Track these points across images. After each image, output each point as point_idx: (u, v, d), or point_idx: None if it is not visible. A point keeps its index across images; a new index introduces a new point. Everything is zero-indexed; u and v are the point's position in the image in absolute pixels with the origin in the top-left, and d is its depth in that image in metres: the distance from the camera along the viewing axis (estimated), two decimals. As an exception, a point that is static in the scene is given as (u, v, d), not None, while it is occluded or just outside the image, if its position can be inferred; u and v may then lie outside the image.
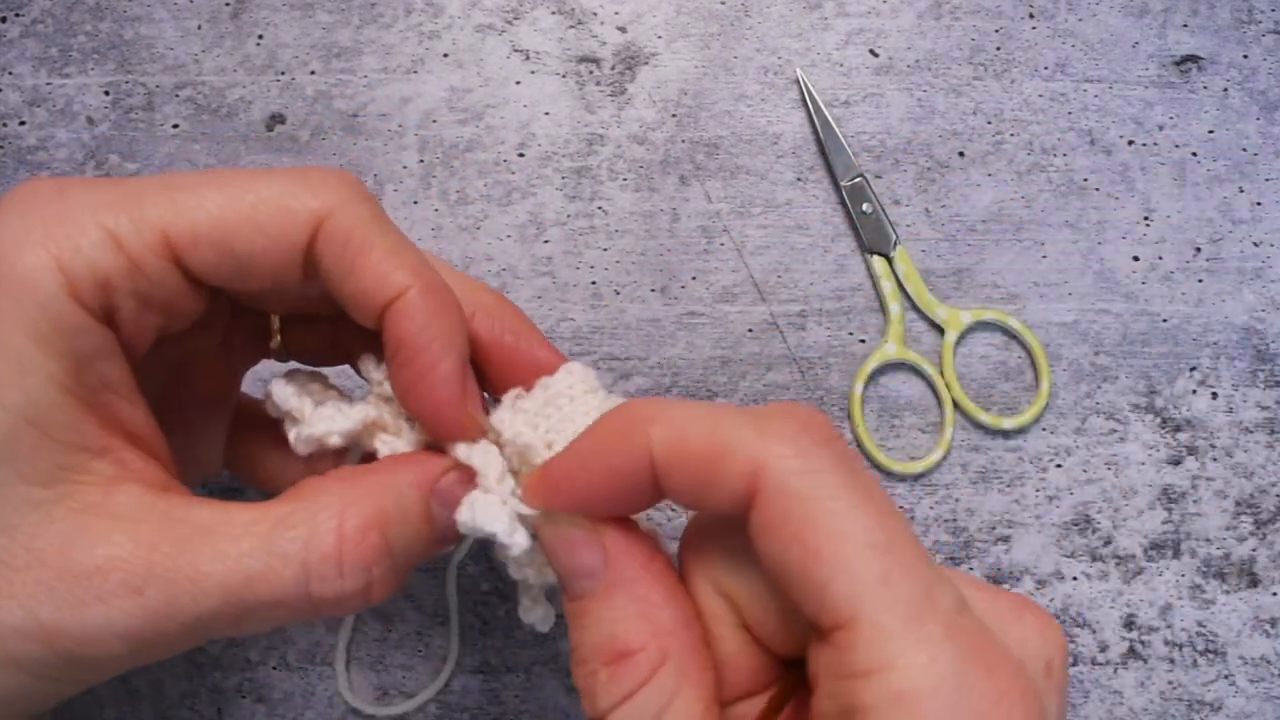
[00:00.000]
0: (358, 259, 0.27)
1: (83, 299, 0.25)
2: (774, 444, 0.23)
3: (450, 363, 0.28)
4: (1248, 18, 0.47)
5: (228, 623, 0.25)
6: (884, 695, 0.21)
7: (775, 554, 0.23)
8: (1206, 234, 0.45)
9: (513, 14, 0.46)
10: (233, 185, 0.26)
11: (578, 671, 0.26)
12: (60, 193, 0.26)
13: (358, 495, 0.27)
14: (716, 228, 0.45)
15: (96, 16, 0.46)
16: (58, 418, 0.25)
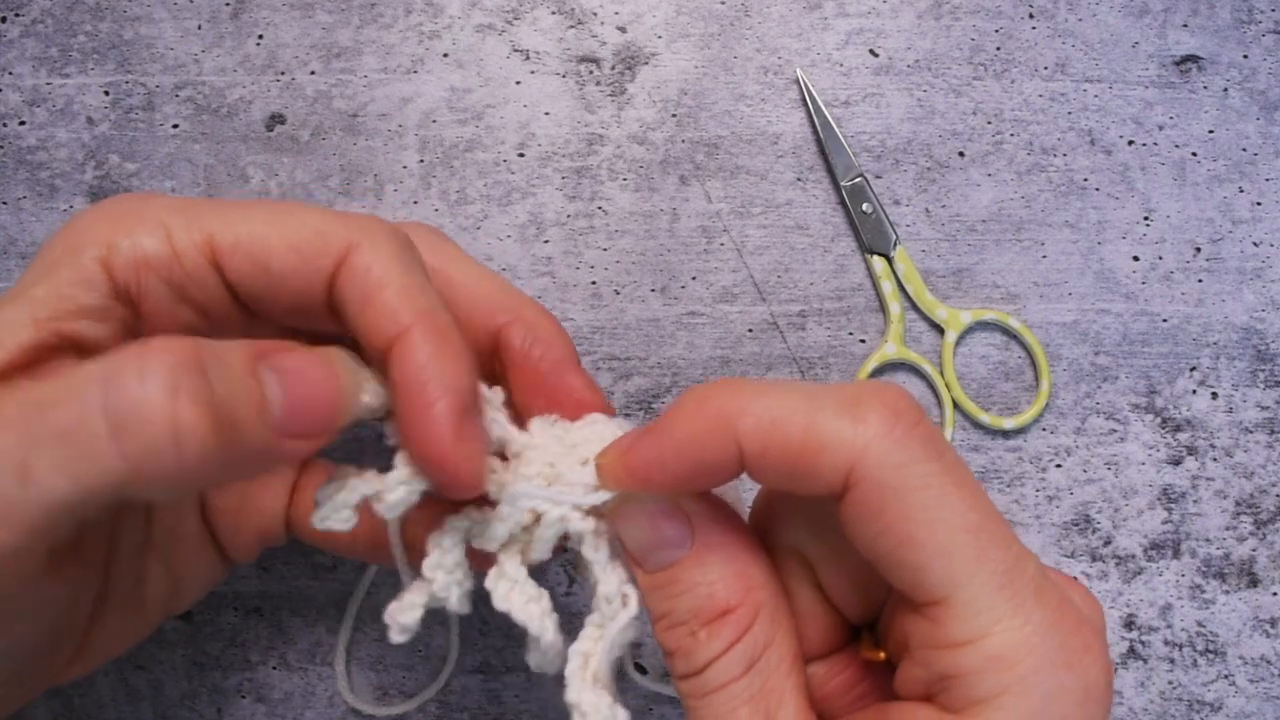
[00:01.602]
0: (372, 294, 0.27)
1: (111, 269, 0.27)
2: (870, 438, 0.24)
3: (446, 404, 0.27)
4: (1248, 18, 0.47)
5: (14, 472, 0.22)
6: (980, 660, 0.23)
7: (869, 539, 0.25)
8: (1206, 234, 0.45)
9: (513, 14, 0.46)
10: (279, 210, 0.29)
11: (672, 634, 0.26)
12: (142, 200, 0.29)
13: (177, 340, 0.24)
14: (716, 228, 0.45)
15: (96, 16, 0.46)
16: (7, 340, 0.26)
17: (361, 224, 0.28)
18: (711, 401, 0.26)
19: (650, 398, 0.43)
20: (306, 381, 0.26)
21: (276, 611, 0.42)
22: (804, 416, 0.25)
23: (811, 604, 0.28)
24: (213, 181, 0.45)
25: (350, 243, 0.28)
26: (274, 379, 0.25)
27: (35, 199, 0.45)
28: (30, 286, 0.27)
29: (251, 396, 0.24)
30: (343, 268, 0.28)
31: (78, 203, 0.45)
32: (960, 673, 0.24)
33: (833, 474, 0.25)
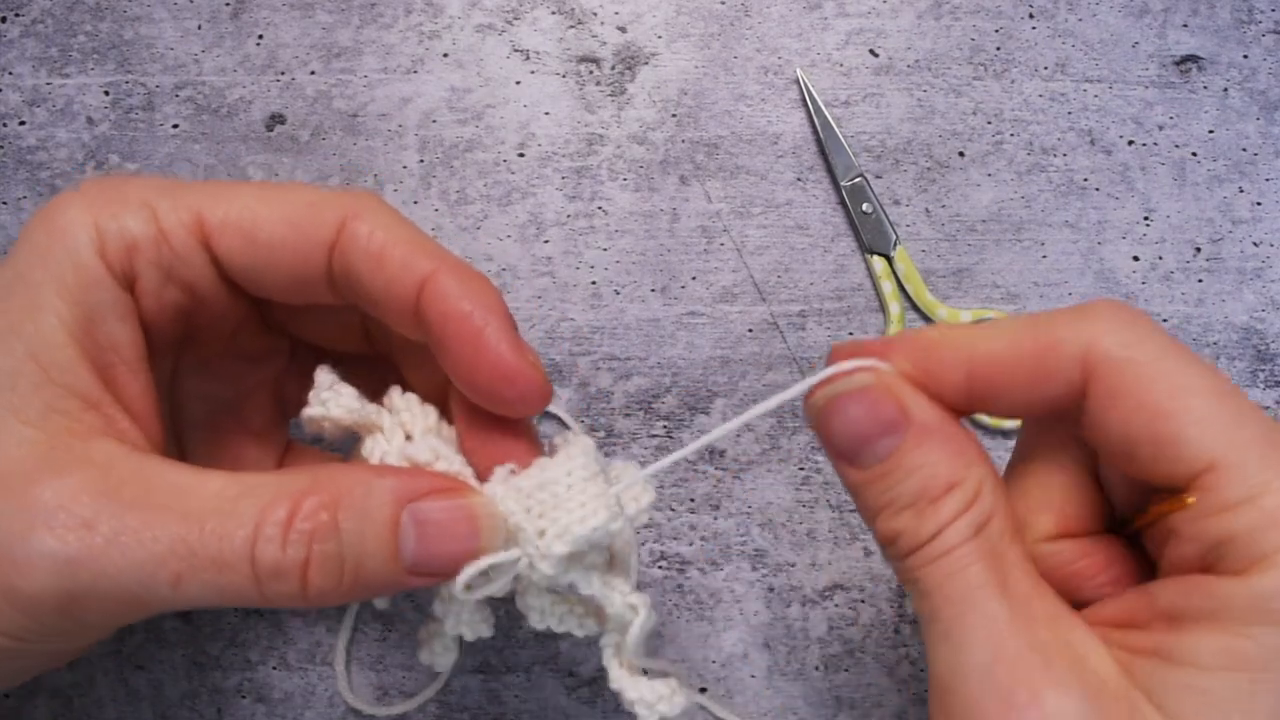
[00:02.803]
0: (383, 252, 0.28)
1: (108, 258, 0.27)
2: (1099, 324, 0.25)
3: (496, 323, 0.28)
4: (1248, 18, 0.47)
5: (168, 579, 0.25)
6: (1258, 518, 0.23)
7: (1119, 425, 0.25)
8: (1206, 234, 0.45)
9: (513, 14, 0.46)
10: (269, 187, 0.29)
11: (898, 519, 0.26)
12: (121, 181, 0.29)
13: (328, 477, 0.26)
14: (716, 228, 0.45)
15: (96, 16, 0.46)
16: (59, 359, 0.26)
17: (351, 195, 0.29)
18: (946, 331, 0.27)
19: (650, 398, 0.43)
20: (446, 538, 0.27)
21: (276, 611, 0.42)
22: (1031, 324, 0.26)
23: (1076, 481, 0.29)
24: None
25: (346, 212, 0.28)
26: (412, 530, 0.26)
27: (35, 199, 0.45)
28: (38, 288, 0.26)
29: (385, 548, 0.26)
30: (344, 236, 0.28)
31: (78, 203, 0.45)
32: (1238, 533, 0.24)
33: (1071, 365, 0.25)
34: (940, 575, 0.25)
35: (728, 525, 0.42)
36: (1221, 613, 0.24)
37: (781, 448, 0.43)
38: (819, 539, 0.42)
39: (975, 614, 0.25)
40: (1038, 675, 0.24)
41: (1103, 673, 0.24)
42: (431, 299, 0.28)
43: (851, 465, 0.27)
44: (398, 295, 0.28)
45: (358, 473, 0.27)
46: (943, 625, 0.25)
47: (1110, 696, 0.24)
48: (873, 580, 0.42)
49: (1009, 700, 0.24)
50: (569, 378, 0.43)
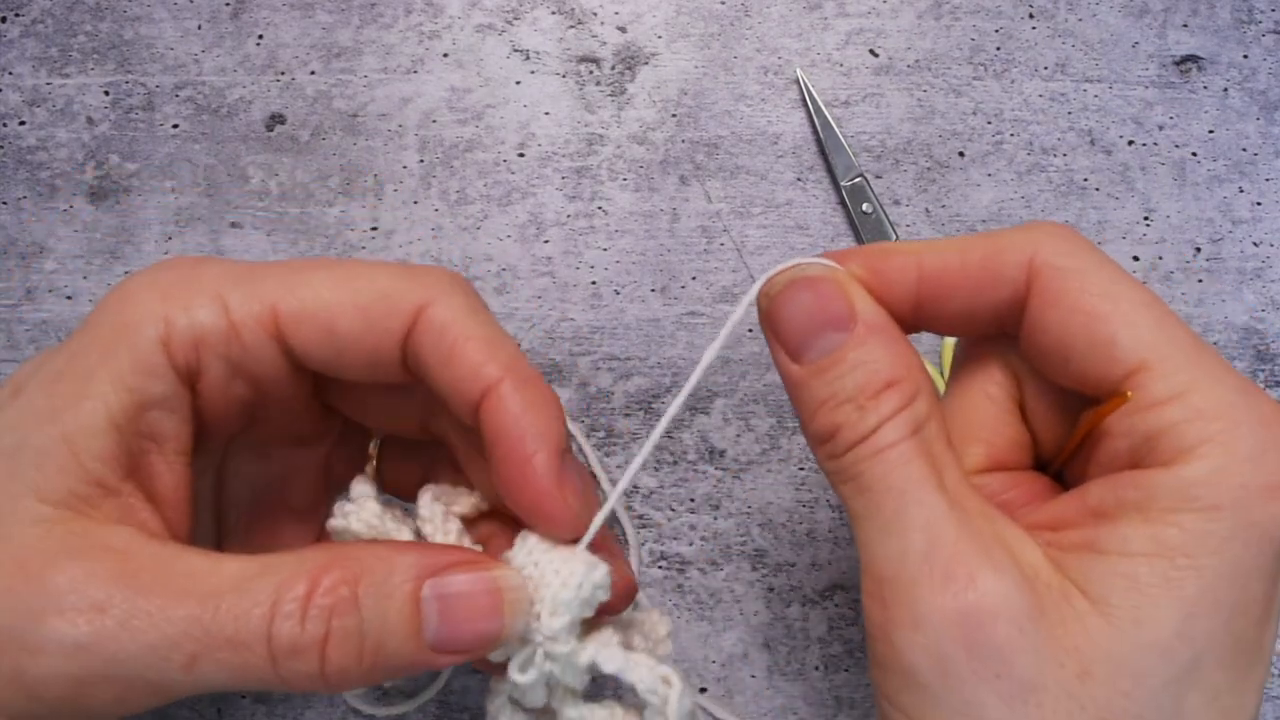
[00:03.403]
0: (454, 349, 0.27)
1: (173, 352, 0.27)
2: (1043, 237, 0.27)
3: (546, 454, 0.27)
4: (1248, 18, 0.47)
5: (182, 661, 0.24)
6: (1185, 413, 0.25)
7: (1057, 328, 0.27)
8: (1206, 234, 0.45)
9: (513, 14, 0.46)
10: (343, 271, 0.28)
11: (838, 412, 0.27)
12: (197, 265, 0.28)
13: (348, 554, 0.26)
14: (716, 228, 0.45)
15: (96, 16, 0.46)
16: (94, 446, 0.26)
17: (427, 279, 0.28)
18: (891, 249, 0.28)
19: (650, 398, 0.43)
20: (469, 613, 0.26)
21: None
22: (977, 238, 0.28)
23: (1004, 416, 0.30)
24: (213, 181, 0.45)
25: (420, 301, 0.28)
26: (435, 606, 0.26)
27: (35, 199, 0.45)
28: (91, 374, 0.26)
29: (406, 625, 0.26)
30: (417, 327, 0.28)
31: (78, 203, 0.45)
32: (1166, 427, 0.25)
33: (1016, 270, 0.27)
34: (882, 470, 0.26)
35: (728, 525, 0.42)
36: (1148, 503, 0.25)
37: (781, 448, 0.43)
38: (819, 539, 0.42)
39: (916, 506, 0.26)
40: (974, 559, 0.25)
41: (1035, 564, 0.25)
42: (491, 411, 0.27)
43: (796, 361, 0.28)
44: (462, 396, 0.28)
45: (379, 549, 0.27)
46: (883, 518, 0.26)
47: (1043, 585, 0.25)
48: (873, 580, 0.42)
49: (947, 581, 0.25)
50: (569, 378, 0.43)
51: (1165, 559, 0.24)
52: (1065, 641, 0.24)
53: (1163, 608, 0.24)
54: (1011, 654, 0.24)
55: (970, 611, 0.24)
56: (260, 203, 0.45)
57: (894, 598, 0.26)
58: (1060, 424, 0.30)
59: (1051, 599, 0.25)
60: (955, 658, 0.24)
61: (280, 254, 0.44)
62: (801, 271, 0.28)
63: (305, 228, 0.44)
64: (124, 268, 0.44)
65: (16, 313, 0.44)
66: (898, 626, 0.25)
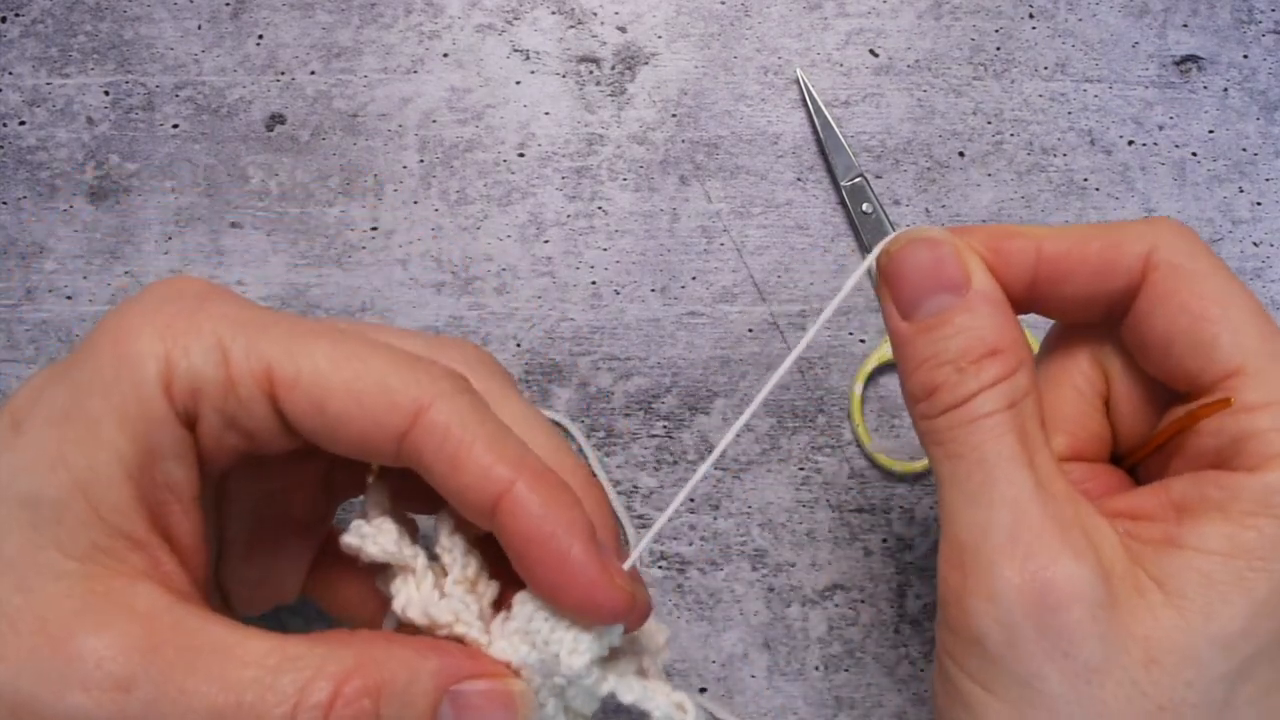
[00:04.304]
0: (459, 454, 0.26)
1: (174, 397, 0.26)
2: (1163, 234, 0.28)
3: (581, 545, 0.27)
4: (1248, 18, 0.47)
5: None
6: (1275, 421, 0.26)
7: (1164, 323, 0.27)
8: (1206, 234, 0.45)
9: (513, 14, 0.46)
10: (344, 349, 0.27)
11: (937, 371, 0.28)
12: (200, 297, 0.27)
13: (372, 658, 0.26)
14: (716, 228, 0.45)
15: (96, 16, 0.46)
16: (111, 498, 0.25)
17: (430, 375, 0.27)
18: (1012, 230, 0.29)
19: (650, 398, 0.43)
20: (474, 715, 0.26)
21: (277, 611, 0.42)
22: (1096, 228, 0.29)
23: (1090, 410, 0.30)
24: (213, 181, 0.45)
25: (419, 400, 0.27)
26: (451, 715, 0.26)
27: (35, 199, 0.45)
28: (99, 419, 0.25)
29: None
30: (416, 428, 0.27)
31: (78, 203, 0.45)
32: (1255, 431, 0.26)
33: (1131, 263, 0.28)
34: (975, 439, 0.27)
35: (728, 525, 0.42)
36: (1230, 503, 0.26)
37: (781, 448, 0.43)
38: (819, 539, 0.42)
39: (1005, 481, 0.26)
40: (1055, 541, 0.26)
41: (1113, 555, 0.26)
42: (510, 517, 0.27)
43: (905, 318, 0.29)
44: (472, 503, 0.27)
45: (402, 653, 0.26)
46: (970, 487, 0.27)
47: (1118, 576, 0.26)
48: (873, 580, 0.42)
49: (1027, 559, 0.26)
50: (569, 378, 0.43)
51: (1241, 560, 0.25)
52: (1135, 629, 0.25)
53: (1233, 605, 0.25)
54: (1081, 636, 0.25)
55: (1046, 591, 0.25)
56: (260, 203, 0.45)
57: (973, 566, 0.26)
58: (1143, 421, 0.30)
59: (1125, 588, 0.26)
60: (1025, 632, 0.25)
61: (281, 254, 0.44)
62: (924, 233, 0.29)
63: (305, 228, 0.45)
64: (124, 268, 0.44)
65: (16, 313, 0.44)
66: (973, 594, 0.26)
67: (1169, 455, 0.29)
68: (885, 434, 0.43)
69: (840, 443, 0.43)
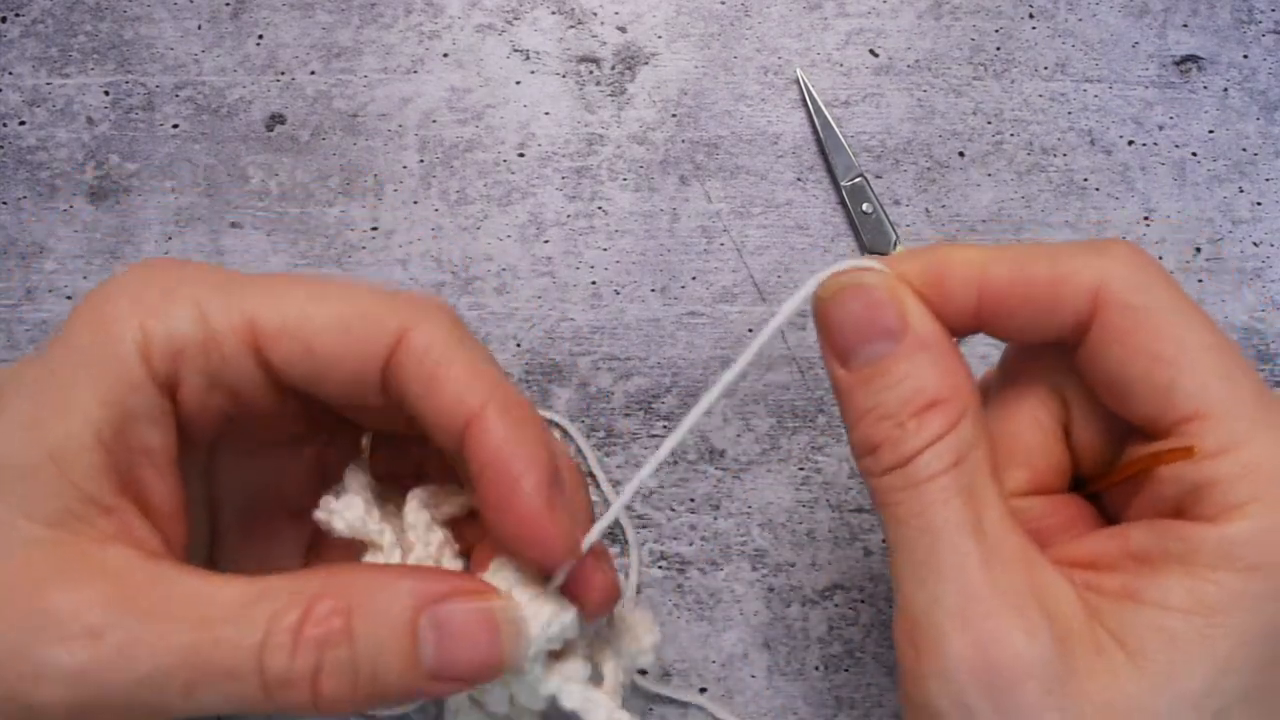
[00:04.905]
0: (435, 375, 0.27)
1: (152, 363, 0.26)
2: (1114, 266, 0.26)
3: (534, 478, 0.27)
4: (1248, 18, 0.47)
5: (179, 689, 0.24)
6: (1235, 469, 0.25)
7: (1117, 364, 0.26)
8: (1206, 234, 0.45)
9: (513, 14, 0.46)
10: (324, 289, 0.27)
11: (878, 427, 0.27)
12: (176, 269, 0.27)
13: (342, 581, 0.25)
14: (716, 228, 0.45)
15: (96, 16, 0.46)
16: (81, 463, 0.25)
17: (411, 303, 0.28)
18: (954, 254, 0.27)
19: (650, 398, 0.43)
20: (465, 643, 0.26)
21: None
22: (1049, 255, 0.27)
23: (1050, 440, 0.29)
24: (213, 181, 0.45)
25: (403, 324, 0.27)
26: (431, 636, 0.25)
27: (35, 199, 0.45)
28: (72, 386, 0.26)
29: (402, 655, 0.25)
30: (399, 350, 0.27)
31: (78, 203, 0.45)
32: (1215, 480, 0.25)
33: (1081, 299, 0.26)
34: (920, 504, 0.26)
35: (728, 525, 0.42)
36: (1190, 556, 0.25)
37: (781, 448, 0.43)
38: (819, 539, 0.42)
39: (950, 550, 0.25)
40: (1006, 617, 0.25)
41: (1070, 615, 0.25)
42: (476, 440, 0.27)
43: (842, 365, 0.28)
44: (445, 426, 0.27)
45: (375, 574, 0.26)
46: (916, 558, 0.26)
47: (1076, 638, 0.25)
48: (873, 580, 0.42)
49: (977, 637, 0.25)
50: (569, 378, 0.43)
51: (1202, 616, 0.24)
52: (1095, 695, 0.24)
53: (1196, 662, 0.24)
54: (1039, 711, 0.24)
55: (999, 670, 0.24)
56: (260, 203, 0.45)
57: (923, 643, 0.25)
58: (1105, 449, 0.29)
59: (1083, 650, 0.25)
60: (981, 710, 0.25)
61: (281, 254, 0.44)
62: (856, 278, 0.28)
63: (305, 228, 0.45)
64: (124, 268, 0.44)
65: (16, 313, 0.44)
66: (926, 671, 0.25)
67: (1130, 493, 0.28)
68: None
69: (840, 443, 0.43)
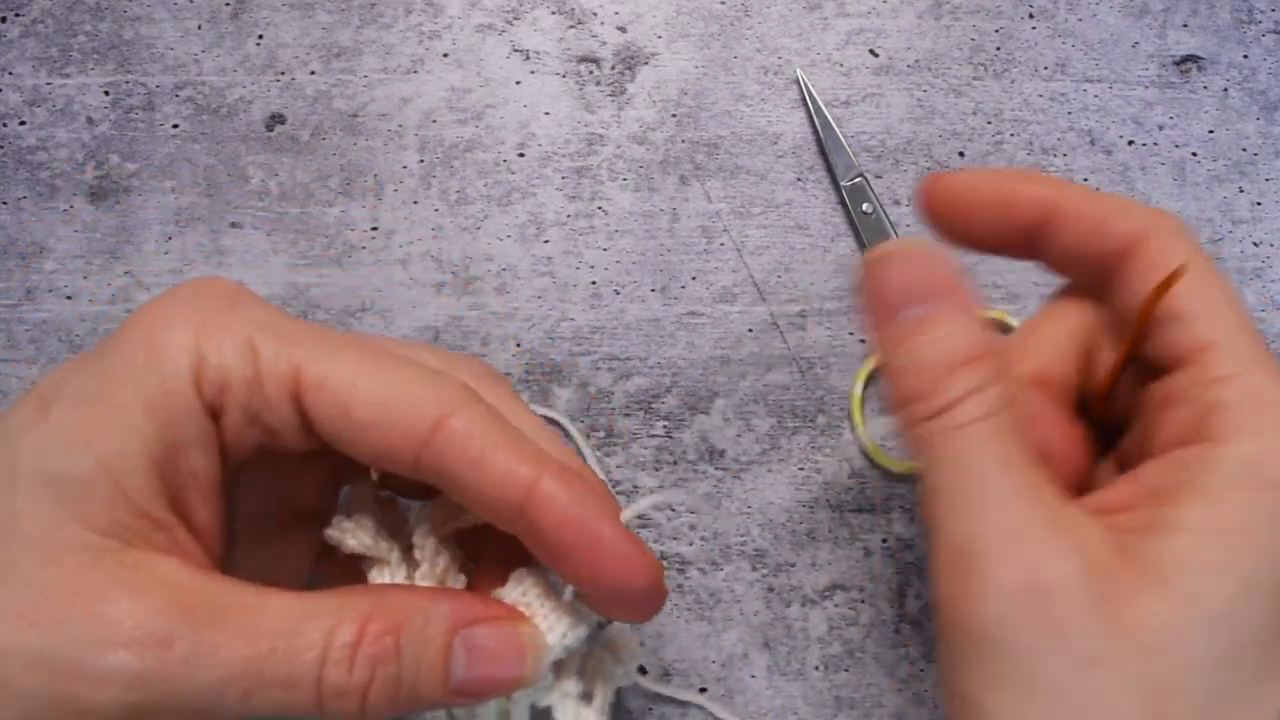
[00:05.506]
0: (483, 457, 0.28)
1: (203, 391, 0.27)
2: (1159, 216, 0.29)
3: (611, 525, 0.28)
4: (1248, 18, 0.47)
5: (237, 696, 0.25)
6: (1244, 391, 0.27)
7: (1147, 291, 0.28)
8: (1206, 234, 0.45)
9: (513, 14, 0.46)
10: (376, 360, 0.28)
11: (917, 378, 0.28)
12: (234, 298, 0.28)
13: (388, 603, 0.27)
14: (716, 228, 0.45)
15: (96, 16, 0.46)
16: (135, 480, 0.26)
17: (451, 388, 0.28)
18: (1030, 176, 0.31)
19: (650, 398, 0.43)
20: (493, 663, 0.28)
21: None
22: (1109, 195, 0.30)
23: (1068, 353, 0.32)
24: (213, 181, 0.45)
25: (444, 411, 0.28)
26: (462, 654, 0.28)
27: (35, 199, 0.45)
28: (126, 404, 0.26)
29: (436, 670, 0.28)
30: (440, 435, 0.28)
31: (78, 203, 0.45)
32: (1225, 404, 0.26)
33: (1127, 230, 0.29)
34: (958, 445, 0.27)
35: (728, 525, 0.42)
36: (1205, 480, 0.26)
37: (781, 448, 0.43)
38: (819, 539, 0.42)
39: (990, 486, 0.27)
40: (1044, 543, 0.26)
41: (1098, 546, 0.27)
42: (541, 509, 0.28)
43: (887, 322, 0.29)
44: (500, 499, 0.28)
45: (415, 598, 0.28)
46: (956, 495, 0.27)
47: (1105, 567, 0.26)
48: (873, 580, 0.42)
49: (1019, 562, 0.26)
50: (569, 378, 0.43)
51: (1224, 535, 0.25)
52: (1126, 619, 0.25)
53: (1220, 583, 0.25)
54: (1076, 630, 0.25)
55: (1039, 590, 0.26)
56: (260, 203, 0.45)
57: (966, 570, 0.27)
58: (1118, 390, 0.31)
59: (1113, 579, 0.26)
60: (1023, 631, 0.26)
61: (281, 254, 0.44)
62: (907, 244, 0.29)
63: (305, 228, 0.45)
64: (124, 268, 0.44)
65: (16, 313, 0.44)
66: (969, 598, 0.27)
67: (1144, 437, 0.29)
68: (885, 434, 0.43)
69: (840, 443, 0.43)
